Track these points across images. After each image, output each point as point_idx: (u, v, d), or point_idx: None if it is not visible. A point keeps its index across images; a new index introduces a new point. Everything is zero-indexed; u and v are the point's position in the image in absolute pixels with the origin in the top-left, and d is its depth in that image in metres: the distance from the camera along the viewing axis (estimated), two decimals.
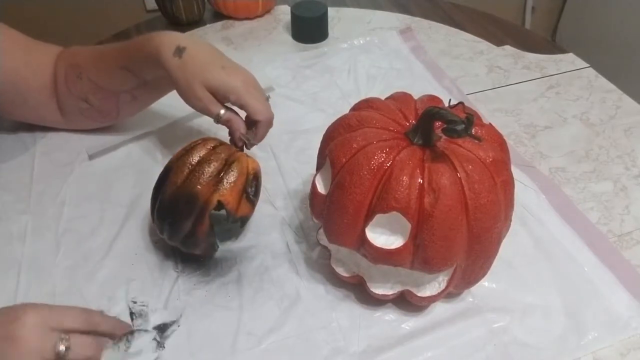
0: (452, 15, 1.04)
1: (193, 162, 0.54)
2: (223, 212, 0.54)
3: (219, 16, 1.03)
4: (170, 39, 0.59)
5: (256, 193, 0.58)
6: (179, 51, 0.58)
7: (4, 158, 0.72)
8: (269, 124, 0.61)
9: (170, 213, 0.54)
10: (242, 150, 0.60)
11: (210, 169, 0.53)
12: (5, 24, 0.66)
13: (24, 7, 1.50)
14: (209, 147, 0.56)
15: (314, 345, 0.53)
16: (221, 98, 0.59)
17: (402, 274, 0.52)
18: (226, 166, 0.54)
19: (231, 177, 0.54)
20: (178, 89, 0.60)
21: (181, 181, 0.53)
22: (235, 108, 0.61)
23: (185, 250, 0.57)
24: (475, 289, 0.57)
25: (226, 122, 0.60)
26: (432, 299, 0.53)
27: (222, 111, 0.59)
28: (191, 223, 0.54)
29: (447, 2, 1.08)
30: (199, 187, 0.53)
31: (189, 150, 0.55)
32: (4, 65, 0.65)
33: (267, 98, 0.62)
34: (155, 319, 0.55)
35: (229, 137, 0.61)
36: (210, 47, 0.61)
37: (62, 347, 0.43)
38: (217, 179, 0.54)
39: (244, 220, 0.57)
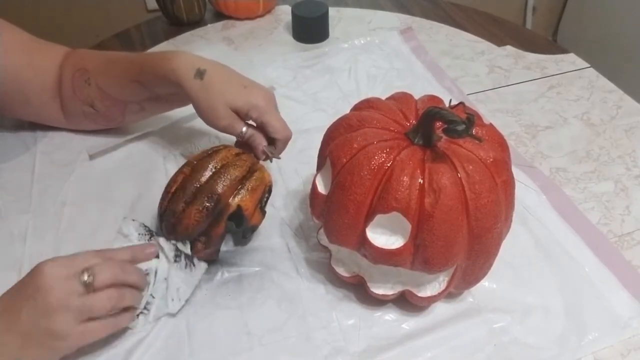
0: (453, 16, 1.04)
1: (217, 165, 0.55)
2: (233, 222, 0.54)
3: (219, 16, 1.03)
4: (188, 61, 0.60)
5: (265, 205, 0.59)
6: (200, 74, 0.59)
7: (4, 158, 0.73)
8: (287, 141, 0.62)
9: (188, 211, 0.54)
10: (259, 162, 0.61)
11: (235, 173, 0.54)
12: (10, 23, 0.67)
13: (25, 6, 1.50)
14: (233, 153, 0.57)
15: (314, 345, 0.53)
16: (243, 116, 0.60)
17: (403, 274, 0.52)
18: (249, 173, 0.55)
19: (253, 184, 0.55)
20: (200, 110, 0.61)
21: (205, 180, 0.54)
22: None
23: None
24: (475, 289, 0.57)
25: (249, 138, 0.61)
26: (432, 299, 0.53)
27: (245, 128, 0.60)
28: (206, 224, 0.54)
29: (448, 2, 1.08)
30: (222, 189, 0.53)
31: (211, 154, 0.56)
32: (6, 64, 0.65)
33: None
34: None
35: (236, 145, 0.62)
36: (227, 67, 0.62)
37: (86, 277, 0.47)
38: (240, 184, 0.54)
39: (253, 230, 0.58)
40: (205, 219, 0.53)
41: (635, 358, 0.53)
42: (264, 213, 0.58)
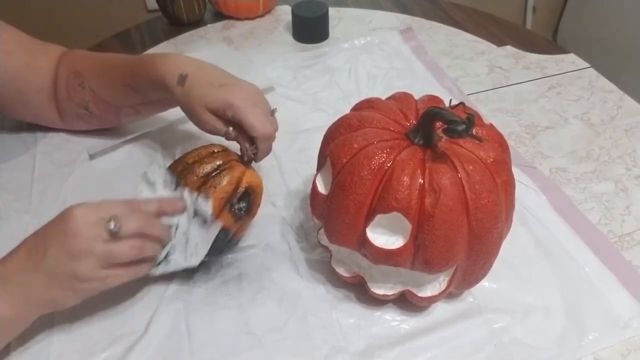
0: (453, 16, 1.04)
1: (189, 161, 0.55)
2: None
3: (219, 16, 1.03)
4: (174, 66, 0.60)
5: (247, 210, 0.56)
6: (182, 79, 0.59)
7: (5, 158, 0.73)
8: (267, 139, 0.59)
9: None
10: (248, 164, 0.59)
11: (199, 170, 0.54)
12: (8, 24, 0.67)
13: (24, 6, 1.50)
14: (210, 150, 0.56)
15: (314, 345, 0.53)
16: (223, 116, 0.58)
17: (403, 274, 0.52)
18: (217, 171, 0.54)
19: (217, 182, 0.53)
20: (186, 115, 0.61)
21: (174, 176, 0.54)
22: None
23: None
24: (475, 289, 0.57)
25: (235, 139, 0.60)
26: (432, 299, 0.53)
27: (230, 129, 0.59)
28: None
29: (448, 2, 1.08)
30: (183, 184, 0.54)
31: (192, 151, 0.56)
32: (5, 65, 0.65)
33: (273, 112, 0.61)
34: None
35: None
36: (211, 68, 0.61)
37: (112, 225, 0.47)
38: (204, 180, 0.54)
39: (226, 232, 0.55)
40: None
41: (635, 358, 0.53)
42: (235, 215, 0.55)
